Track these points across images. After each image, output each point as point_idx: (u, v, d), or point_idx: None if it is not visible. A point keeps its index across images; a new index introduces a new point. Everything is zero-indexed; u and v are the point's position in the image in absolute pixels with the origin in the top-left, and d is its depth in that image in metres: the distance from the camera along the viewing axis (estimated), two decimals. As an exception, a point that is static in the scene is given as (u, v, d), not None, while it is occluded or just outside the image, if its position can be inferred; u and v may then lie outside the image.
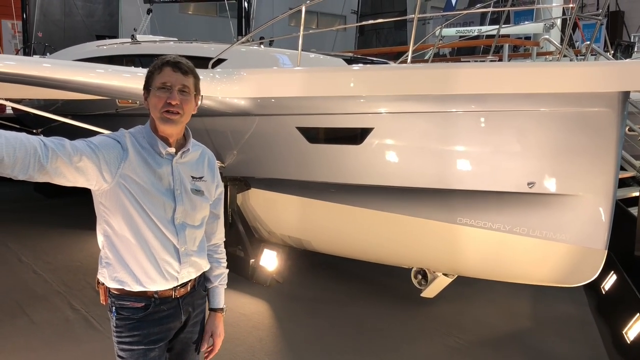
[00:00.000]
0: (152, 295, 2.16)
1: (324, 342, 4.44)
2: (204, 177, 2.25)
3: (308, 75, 4.73)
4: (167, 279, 2.15)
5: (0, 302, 4.96)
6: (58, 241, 6.93)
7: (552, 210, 4.06)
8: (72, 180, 1.95)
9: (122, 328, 2.17)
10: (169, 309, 2.20)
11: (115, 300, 2.17)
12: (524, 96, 3.89)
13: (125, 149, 2.07)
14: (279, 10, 17.01)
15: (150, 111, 2.11)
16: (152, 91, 2.08)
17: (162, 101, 2.05)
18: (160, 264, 2.13)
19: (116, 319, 2.18)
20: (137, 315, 2.16)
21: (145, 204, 2.08)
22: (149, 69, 2.13)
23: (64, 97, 5.85)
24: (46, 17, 12.10)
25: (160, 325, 2.19)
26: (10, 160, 1.73)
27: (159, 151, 2.12)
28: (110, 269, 2.15)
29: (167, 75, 2.06)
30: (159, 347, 2.21)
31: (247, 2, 8.99)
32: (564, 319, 5.06)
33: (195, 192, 2.20)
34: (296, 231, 5.60)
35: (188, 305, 2.27)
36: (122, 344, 2.18)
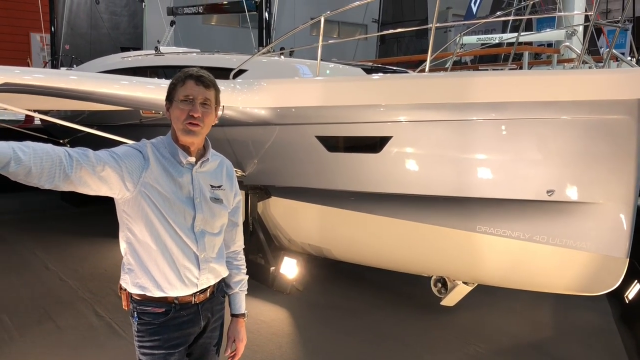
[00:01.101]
0: (172, 300, 2.22)
1: (343, 350, 4.47)
2: (222, 186, 2.31)
3: (327, 85, 4.79)
4: (187, 285, 2.21)
5: (28, 308, 5.09)
6: (83, 249, 7.08)
7: (572, 218, 4.04)
8: (95, 189, 2.03)
9: (144, 332, 2.23)
10: (189, 315, 2.26)
11: (137, 305, 2.24)
12: (542, 104, 3.89)
13: (147, 159, 2.14)
14: (300, 21, 17.16)
15: (172, 122, 2.19)
16: (174, 103, 2.16)
17: (184, 113, 2.12)
18: (180, 270, 2.19)
19: (137, 323, 2.24)
20: (158, 320, 2.22)
21: (166, 211, 2.14)
22: (171, 81, 2.20)
23: (90, 108, 5.99)
24: (73, 30, 12.37)
25: (180, 330, 2.25)
26: (38, 170, 1.81)
27: (179, 160, 2.19)
28: (132, 275, 2.22)
29: (190, 88, 2.14)
30: (178, 351, 2.26)
31: (267, 13, 9.10)
32: (586, 328, 5.01)
33: (215, 201, 2.26)
34: (316, 239, 5.65)
35: (207, 311, 2.33)
36: (143, 348, 2.24)
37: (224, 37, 20.72)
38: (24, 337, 4.49)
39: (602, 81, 3.76)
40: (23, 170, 1.78)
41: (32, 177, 1.82)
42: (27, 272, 6.18)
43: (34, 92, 4.63)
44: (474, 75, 4.79)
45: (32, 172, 1.80)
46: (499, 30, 16.30)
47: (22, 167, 1.77)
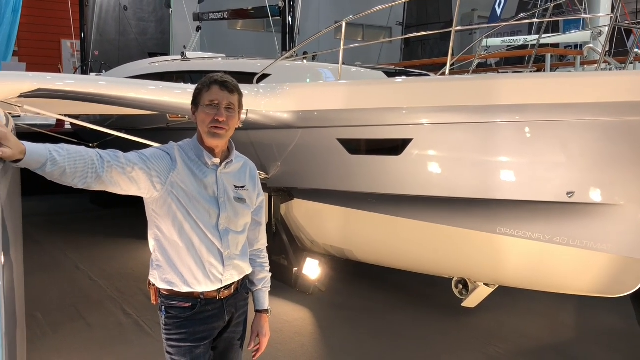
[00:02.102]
0: (198, 296, 2.32)
1: (364, 350, 4.53)
2: (245, 186, 2.41)
3: (348, 89, 4.87)
4: (212, 281, 2.32)
5: (60, 306, 5.27)
6: (112, 250, 7.27)
7: (592, 219, 4.04)
8: (125, 189, 2.16)
9: (171, 326, 2.34)
10: (214, 310, 2.36)
11: (164, 300, 2.35)
12: (563, 106, 3.90)
13: (174, 160, 2.26)
14: (324, 25, 17.25)
15: (198, 125, 2.30)
16: (200, 107, 2.27)
17: (210, 117, 2.23)
18: (206, 267, 2.29)
19: (165, 317, 2.35)
20: (185, 314, 2.32)
21: (192, 210, 2.25)
22: (197, 86, 2.32)
23: (118, 112, 6.16)
24: (102, 37, 12.69)
25: (205, 325, 2.35)
26: (72, 170, 1.95)
27: (205, 162, 2.30)
28: (161, 271, 2.33)
29: (215, 93, 2.25)
30: (204, 344, 2.36)
31: (291, 17, 9.21)
32: (608, 331, 4.99)
33: (238, 200, 2.36)
34: (338, 241, 5.72)
35: (231, 306, 2.43)
36: (170, 341, 2.35)
37: (249, 41, 20.92)
38: (56, 334, 4.66)
39: (622, 83, 3.77)
40: (58, 170, 1.92)
41: (67, 177, 1.95)
42: (58, 271, 6.38)
43: (65, 97, 4.79)
44: (494, 77, 4.81)
45: (66, 172, 1.94)
46: (525, 32, 16.19)
47: (58, 168, 1.91)
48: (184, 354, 2.33)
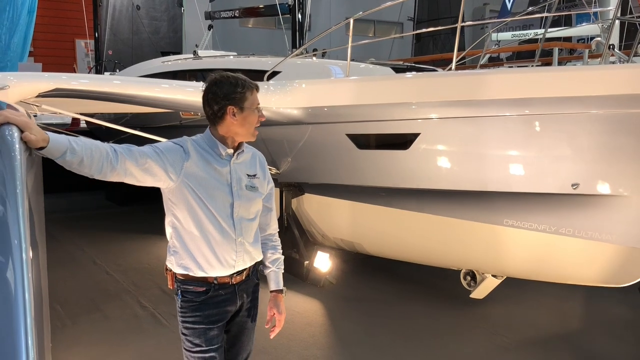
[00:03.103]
0: (212, 281, 2.46)
1: (374, 339, 4.64)
2: (257, 175, 2.57)
3: (356, 85, 4.96)
4: (225, 267, 2.45)
5: (78, 299, 5.43)
6: (128, 245, 7.43)
7: (597, 210, 4.11)
8: (141, 180, 2.30)
9: (186, 309, 2.48)
10: (226, 294, 2.50)
11: (180, 284, 2.49)
12: (567, 99, 3.96)
13: (187, 152, 2.39)
14: (335, 21, 17.31)
15: (237, 124, 2.40)
16: (248, 110, 2.40)
17: (256, 119, 2.45)
18: (219, 253, 2.43)
19: (181, 300, 2.49)
20: (199, 298, 2.46)
21: (206, 199, 2.39)
22: (237, 89, 2.40)
23: (132, 110, 6.31)
24: (116, 36, 12.87)
25: (218, 308, 2.49)
26: (88, 160, 2.10)
27: (219, 153, 2.44)
28: (177, 257, 2.47)
29: (256, 97, 2.47)
30: (217, 327, 2.50)
31: (300, 15, 9.30)
32: (616, 321, 5.05)
33: (250, 189, 2.51)
34: (348, 234, 5.82)
35: (243, 291, 2.57)
36: (185, 323, 2.49)
37: (260, 38, 21.05)
38: (75, 325, 4.82)
39: (626, 75, 3.82)
40: (77, 159, 2.07)
41: (84, 166, 2.10)
42: (76, 266, 6.55)
43: (80, 97, 4.93)
44: (499, 72, 4.89)
45: (84, 161, 2.09)
46: (537, 26, 16.14)
47: (76, 157, 2.06)
48: (198, 335, 2.46)
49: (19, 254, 1.75)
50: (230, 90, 2.39)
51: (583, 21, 13.71)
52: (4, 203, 1.81)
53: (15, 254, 1.76)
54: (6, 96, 4.27)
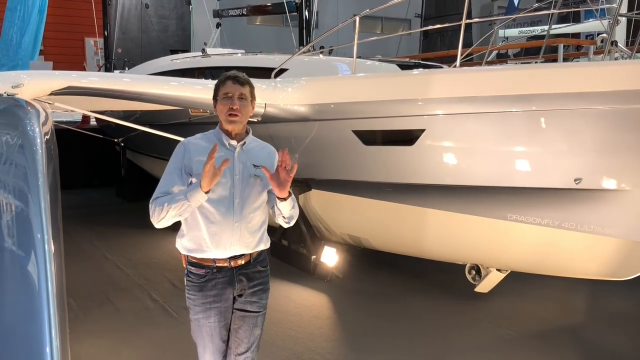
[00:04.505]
0: (211, 263, 2.71)
1: (379, 331, 4.73)
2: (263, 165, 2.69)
3: (361, 82, 5.05)
4: (220, 248, 2.67)
5: (90, 293, 5.56)
6: (138, 240, 7.55)
7: (600, 205, 4.17)
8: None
9: (190, 287, 2.77)
10: (224, 277, 2.73)
11: (188, 265, 2.79)
12: (571, 95, 4.02)
13: (187, 149, 2.71)
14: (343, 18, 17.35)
15: (219, 115, 2.74)
16: (218, 100, 2.73)
17: (226, 107, 2.68)
18: (216, 234, 2.66)
19: (186, 279, 2.79)
20: (200, 280, 2.74)
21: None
22: (215, 83, 2.77)
23: (142, 108, 6.39)
24: (125, 35, 12.97)
25: (215, 289, 2.73)
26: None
27: (224, 143, 2.71)
28: (184, 240, 2.75)
29: (229, 87, 2.71)
30: (215, 307, 2.73)
31: (308, 12, 9.37)
32: (620, 314, 5.11)
33: (254, 177, 2.72)
34: (354, 229, 5.91)
35: (242, 276, 2.77)
36: (189, 299, 2.78)
37: (268, 36, 21.12)
38: (87, 318, 4.94)
39: (628, 71, 3.88)
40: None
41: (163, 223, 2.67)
42: (88, 261, 6.68)
43: (91, 94, 5.02)
44: (503, 68, 4.95)
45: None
46: (545, 22, 16.11)
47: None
48: (199, 312, 2.75)
49: (41, 248, 1.86)
50: (215, 85, 2.77)
51: (591, 17, 13.69)
52: (26, 197, 1.92)
53: (38, 248, 1.86)
54: (21, 94, 4.37)
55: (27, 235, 1.85)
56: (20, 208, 1.88)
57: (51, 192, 2.31)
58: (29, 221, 1.86)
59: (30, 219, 1.87)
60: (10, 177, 1.92)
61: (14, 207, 1.88)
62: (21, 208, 1.88)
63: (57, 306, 1.87)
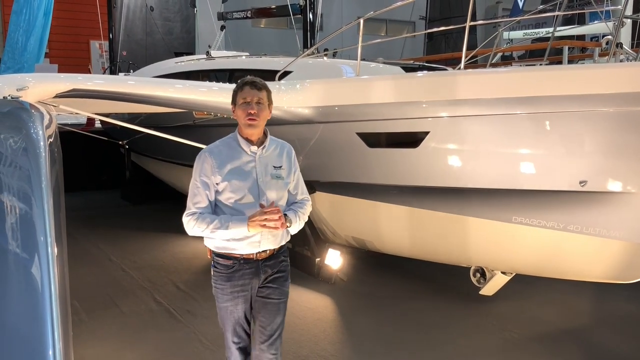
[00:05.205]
0: (238, 256, 2.88)
1: (383, 334, 4.72)
2: (282, 166, 2.95)
3: (365, 84, 5.04)
4: (250, 247, 2.85)
5: (95, 295, 5.56)
6: (143, 243, 7.56)
7: (605, 207, 4.15)
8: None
9: (217, 277, 2.95)
10: (251, 268, 2.91)
11: (214, 256, 2.96)
12: (576, 97, 4.00)
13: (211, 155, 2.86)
14: (347, 21, 17.34)
15: (238, 120, 2.88)
16: (237, 106, 2.87)
17: (245, 112, 2.83)
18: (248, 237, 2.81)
19: (213, 270, 2.97)
20: (227, 270, 2.91)
21: (235, 189, 2.81)
22: (233, 89, 2.92)
23: (146, 110, 6.41)
24: (130, 37, 13.01)
25: (243, 279, 2.91)
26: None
27: (244, 149, 2.87)
28: (214, 241, 2.89)
29: (246, 92, 2.85)
30: (242, 295, 2.92)
31: (312, 15, 9.38)
32: (626, 318, 5.08)
33: (276, 178, 2.90)
34: (358, 232, 5.89)
35: (267, 267, 2.95)
36: (217, 289, 2.96)
37: (273, 38, 21.16)
38: (92, 320, 4.95)
39: (634, 74, 3.86)
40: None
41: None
42: (93, 263, 6.69)
43: (96, 97, 5.03)
44: (506, 71, 4.93)
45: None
46: (550, 24, 16.07)
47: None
48: (227, 301, 2.93)
49: (44, 250, 1.86)
50: (233, 91, 2.92)
51: (595, 19, 13.66)
52: (29, 200, 1.92)
53: (41, 250, 1.86)
54: (26, 97, 4.39)
55: (30, 237, 1.85)
56: (24, 211, 1.88)
57: (55, 194, 2.31)
58: (32, 224, 1.86)
59: (34, 221, 1.87)
60: (14, 180, 1.92)
61: (18, 210, 1.88)
62: (24, 211, 1.88)
63: (60, 309, 1.87)
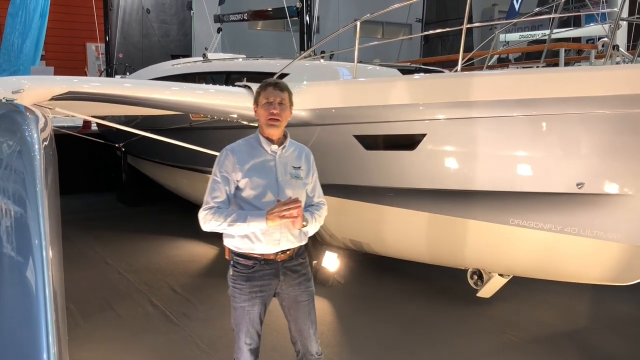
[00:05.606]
0: (259, 257, 2.92)
1: (381, 336, 4.71)
2: (301, 167, 3.02)
3: (362, 86, 5.03)
4: (270, 245, 2.89)
5: (90, 298, 5.54)
6: (139, 246, 7.54)
7: (602, 209, 4.14)
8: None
9: (236, 277, 2.97)
10: (271, 269, 2.95)
11: (234, 256, 3.00)
12: (572, 99, 4.00)
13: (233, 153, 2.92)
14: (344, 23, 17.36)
15: (259, 119, 2.96)
16: (260, 106, 2.95)
17: (267, 112, 2.90)
18: (268, 235, 2.86)
19: (233, 270, 3.00)
20: (247, 270, 2.94)
21: (255, 189, 2.87)
22: (256, 90, 3.00)
23: (143, 113, 6.37)
24: (126, 40, 12.99)
25: (262, 280, 2.95)
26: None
27: (265, 149, 2.94)
28: (234, 240, 2.93)
29: (270, 93, 2.93)
30: (260, 296, 2.96)
31: (309, 17, 9.37)
32: (624, 320, 5.08)
33: (295, 178, 2.97)
34: (355, 234, 5.88)
35: (287, 269, 2.99)
36: (235, 289, 2.98)
37: (269, 41, 21.13)
38: (88, 323, 4.93)
39: (630, 76, 3.87)
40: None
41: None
42: (89, 266, 6.66)
43: (92, 99, 5.00)
44: (504, 73, 4.93)
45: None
46: (547, 26, 16.10)
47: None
48: (244, 301, 2.95)
49: (39, 254, 1.84)
50: (255, 92, 2.99)
51: (591, 21, 13.70)
52: (24, 203, 1.90)
53: (36, 254, 1.84)
54: (21, 99, 4.37)
55: (24, 241, 1.84)
56: (19, 214, 1.87)
57: (50, 197, 2.29)
58: (27, 227, 1.85)
59: (29, 224, 1.85)
60: (9, 183, 1.91)
61: (12, 213, 1.87)
62: (19, 214, 1.86)
63: (55, 312, 1.85)
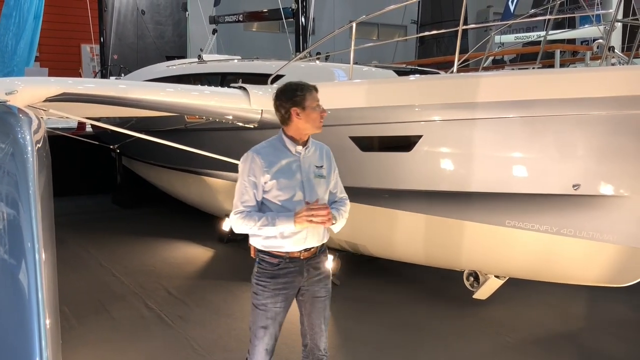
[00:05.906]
0: (284, 254, 2.96)
1: (377, 339, 4.69)
2: (323, 166, 3.09)
3: (358, 88, 5.02)
4: (296, 243, 2.94)
5: (85, 301, 5.50)
6: (133, 248, 7.50)
7: (598, 211, 4.15)
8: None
9: (260, 274, 3.02)
10: (295, 267, 3.00)
11: (259, 254, 3.04)
12: (568, 101, 4.01)
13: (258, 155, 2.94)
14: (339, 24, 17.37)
15: (302, 121, 2.97)
16: (309, 109, 2.98)
17: (319, 114, 3.00)
18: (295, 234, 2.90)
19: (258, 266, 3.04)
20: (272, 268, 2.99)
21: (281, 189, 2.92)
22: (297, 92, 3.00)
23: (138, 114, 6.35)
24: (121, 41, 12.97)
25: (286, 278, 2.99)
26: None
27: (290, 149, 2.99)
28: (260, 239, 2.98)
29: (315, 96, 3.03)
30: (283, 293, 3.00)
31: (304, 18, 9.37)
32: (621, 321, 5.08)
33: (319, 177, 3.03)
34: (352, 236, 5.85)
35: (310, 266, 3.04)
36: (258, 286, 3.02)
37: (265, 42, 21.14)
38: (82, 326, 4.89)
39: (626, 77, 3.87)
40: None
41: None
42: (83, 268, 6.62)
43: (87, 101, 4.98)
44: (499, 74, 4.93)
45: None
46: (542, 28, 16.15)
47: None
48: (268, 297, 3.00)
49: (32, 256, 1.82)
50: (292, 95, 2.97)
51: (586, 23, 13.74)
52: (16, 205, 1.88)
53: (28, 256, 1.82)
54: (15, 101, 4.34)
55: (17, 244, 1.81)
56: (11, 217, 1.85)
57: (43, 200, 2.27)
58: (20, 230, 1.82)
59: (21, 227, 1.83)
60: (1, 185, 1.88)
61: (5, 216, 1.85)
62: (12, 217, 1.84)
63: (48, 316, 1.83)
